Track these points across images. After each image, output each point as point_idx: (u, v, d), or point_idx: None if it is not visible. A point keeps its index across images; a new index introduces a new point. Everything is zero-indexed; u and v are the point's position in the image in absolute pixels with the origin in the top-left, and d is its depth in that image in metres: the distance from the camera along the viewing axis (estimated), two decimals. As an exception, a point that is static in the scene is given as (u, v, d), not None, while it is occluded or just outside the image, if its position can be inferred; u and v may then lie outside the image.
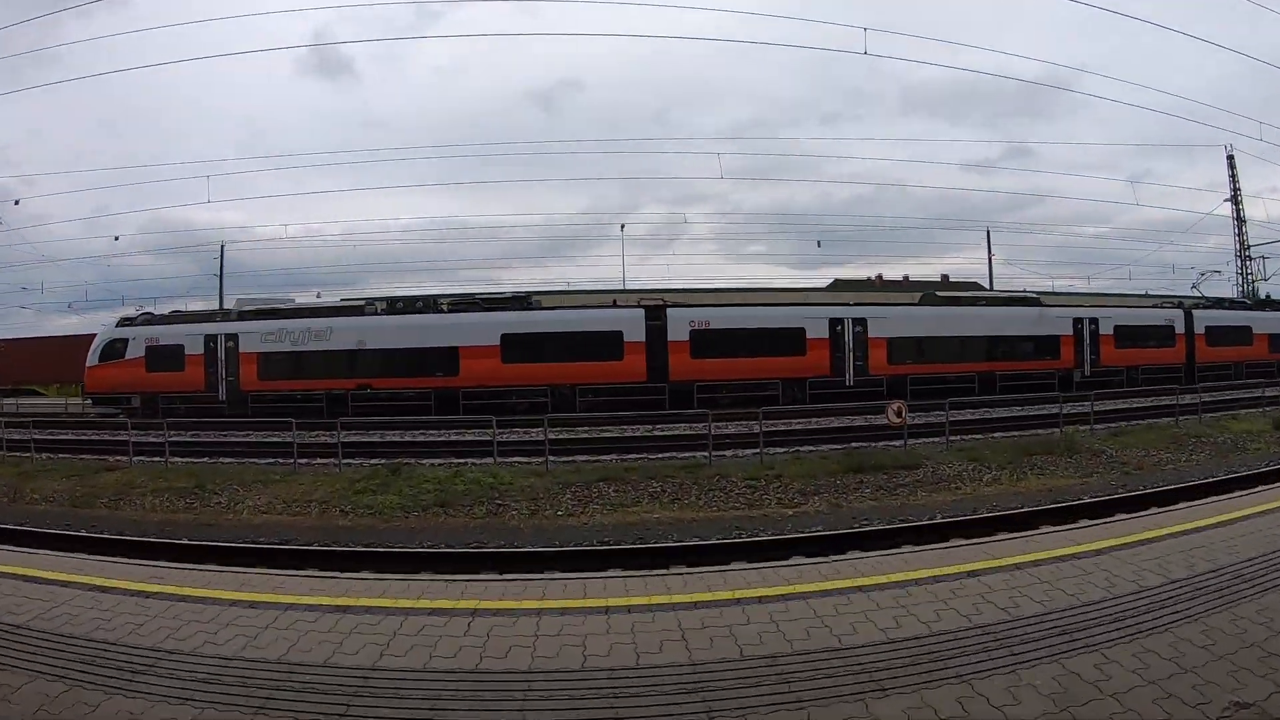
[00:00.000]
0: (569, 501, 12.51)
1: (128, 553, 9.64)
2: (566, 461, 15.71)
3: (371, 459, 17.17)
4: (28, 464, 18.80)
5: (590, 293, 45.47)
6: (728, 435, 17.19)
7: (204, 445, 20.94)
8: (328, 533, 11.11)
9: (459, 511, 12.20)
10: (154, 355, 30.94)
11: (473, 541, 10.36)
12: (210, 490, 14.28)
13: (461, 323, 29.03)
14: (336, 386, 28.83)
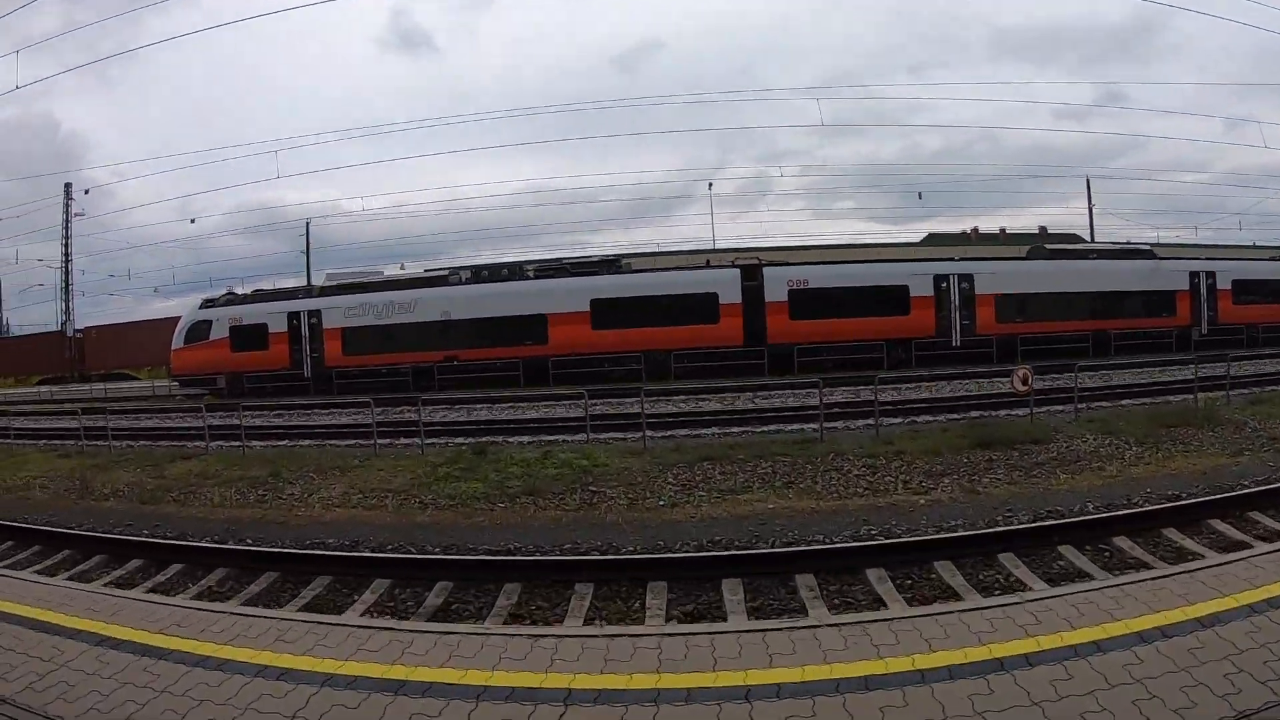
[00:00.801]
0: (671, 488, 11.64)
1: (187, 558, 9.44)
2: (665, 437, 15.22)
3: (456, 438, 16.87)
4: (104, 454, 18.94)
5: (681, 253, 45.69)
6: (834, 404, 16.64)
7: (282, 428, 20.97)
8: (404, 532, 10.32)
9: (549, 501, 11.38)
10: (238, 335, 32.37)
11: (565, 543, 9.33)
12: (284, 479, 14.03)
13: (549, 289, 29.30)
14: (422, 359, 29.56)
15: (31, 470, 17.86)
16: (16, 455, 20.61)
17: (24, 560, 10.38)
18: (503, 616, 7.03)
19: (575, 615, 6.91)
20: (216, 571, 8.99)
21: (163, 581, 8.93)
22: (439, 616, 7.13)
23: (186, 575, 9.07)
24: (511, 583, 7.70)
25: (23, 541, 11.11)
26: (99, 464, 17.64)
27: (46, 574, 9.58)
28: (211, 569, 9.07)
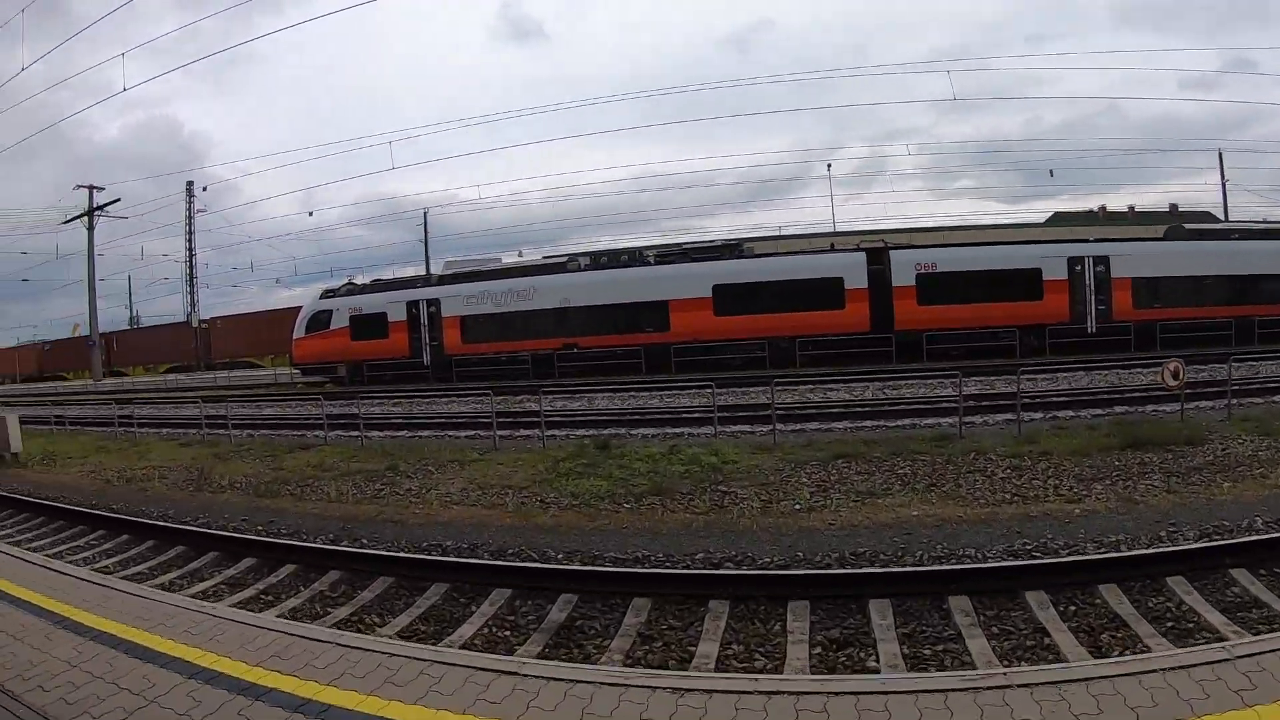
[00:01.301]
0: (806, 488, 11.02)
1: (300, 559, 9.26)
2: (795, 431, 14.92)
3: (577, 430, 16.84)
4: (225, 444, 19.39)
5: (802, 236, 46.48)
6: (968, 396, 15.99)
7: (401, 418, 21.23)
8: (524, 535, 9.87)
9: (677, 502, 10.84)
10: (358, 324, 34.17)
11: (697, 552, 8.65)
12: (402, 472, 14.05)
13: (670, 275, 29.54)
14: (542, 347, 30.40)
15: (154, 459, 18.45)
16: (140, 444, 21.45)
17: (137, 556, 10.48)
18: (631, 637, 6.51)
19: (710, 637, 6.35)
20: (330, 574, 8.75)
21: (274, 584, 8.76)
22: (561, 634, 6.71)
23: (299, 578, 8.86)
24: (641, 598, 7.17)
25: (138, 536, 11.26)
26: (219, 454, 18.11)
27: (159, 570, 9.69)
28: (325, 571, 8.84)
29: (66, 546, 11.26)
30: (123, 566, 10.00)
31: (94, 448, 21.71)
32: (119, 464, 18.41)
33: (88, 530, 12.04)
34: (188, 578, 9.32)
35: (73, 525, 12.42)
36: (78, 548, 11.19)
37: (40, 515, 13.35)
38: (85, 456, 20.18)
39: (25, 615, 6.07)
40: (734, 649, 6.17)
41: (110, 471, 17.43)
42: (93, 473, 17.69)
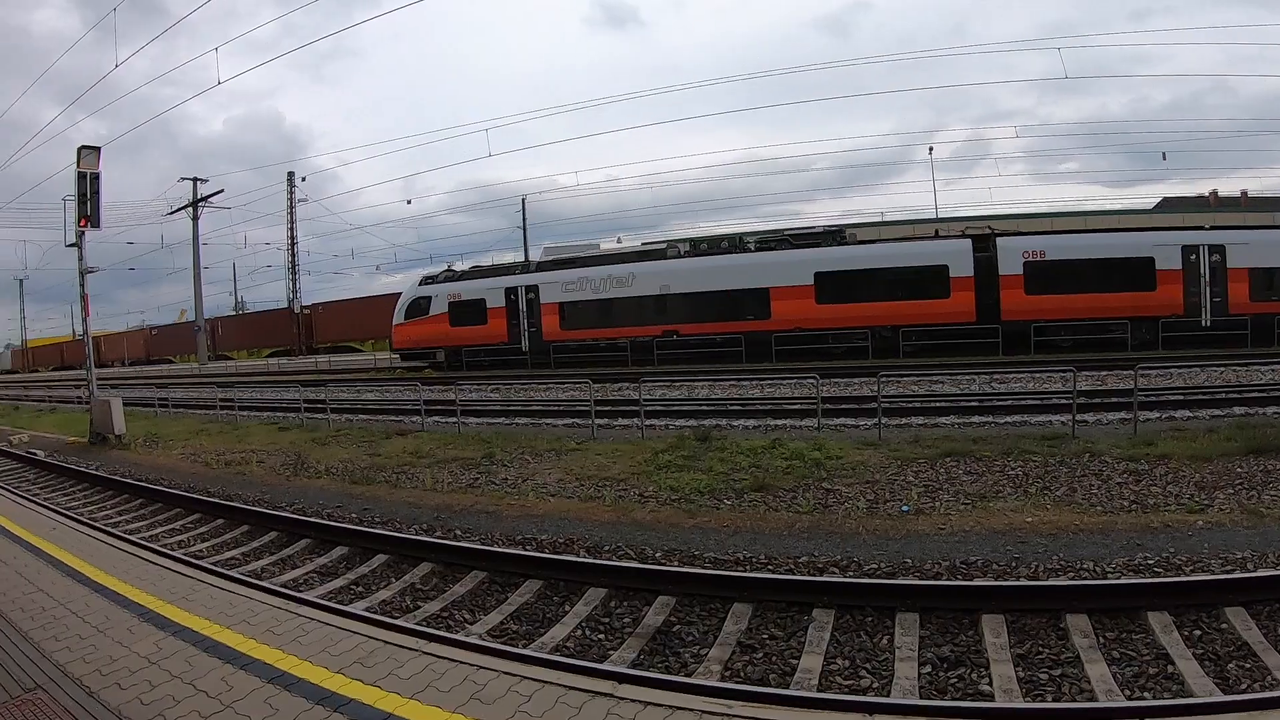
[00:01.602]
0: (914, 488, 10.51)
1: (392, 549, 9.16)
2: (900, 426, 14.52)
3: (676, 420, 16.66)
4: (323, 428, 19.66)
5: (905, 223, 46.01)
6: (1079, 391, 14.78)
7: (498, 404, 21.29)
8: (621, 530, 9.57)
9: (780, 500, 10.44)
10: (457, 310, 35.21)
11: (800, 555, 8.21)
12: (499, 461, 14.06)
13: (771, 261, 29.36)
14: (641, 334, 30.71)
15: (253, 443, 18.87)
16: (240, 428, 21.99)
17: (230, 541, 10.60)
18: (730, 646, 6.17)
19: (814, 649, 5.96)
20: (422, 566, 8.62)
21: (366, 574, 8.66)
22: (658, 640, 6.44)
23: (390, 569, 8.75)
24: (741, 604, 6.82)
25: (232, 521, 11.42)
26: (317, 438, 18.37)
27: (252, 556, 9.74)
28: (417, 563, 8.72)
29: (163, 529, 11.50)
30: (216, 551, 10.12)
31: (195, 430, 22.41)
32: (218, 447, 18.91)
33: (184, 513, 12.28)
34: (280, 564, 9.34)
35: (170, 508, 12.69)
36: (174, 530, 11.42)
37: (139, 497, 13.72)
38: (186, 439, 20.82)
39: (112, 607, 6.05)
40: (838, 663, 5.83)
41: (209, 454, 17.87)
42: (192, 455, 18.19)
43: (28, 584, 6.80)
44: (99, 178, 21.69)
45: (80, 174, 21.30)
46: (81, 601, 6.20)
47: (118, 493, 14.38)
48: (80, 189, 21.38)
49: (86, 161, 21.45)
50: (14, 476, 17.20)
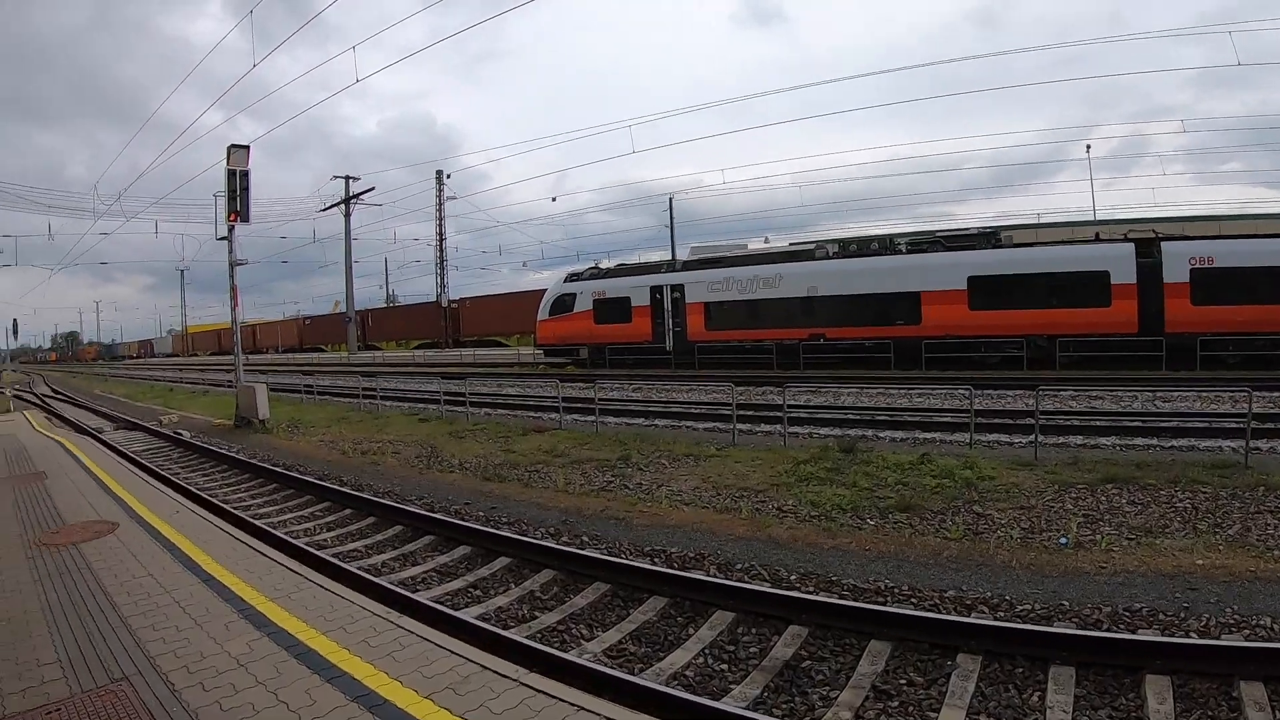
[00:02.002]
0: (1072, 517, 9.46)
1: (515, 553, 8.92)
2: (1057, 445, 13.53)
3: (821, 428, 16.12)
4: (461, 421, 19.80)
5: (1062, 225, 43.39)
6: (1241, 415, 13.48)
7: (638, 404, 21.01)
8: (756, 548, 9.00)
9: (927, 523, 9.63)
10: (601, 307, 35.73)
11: (947, 588, 7.49)
12: (635, 464, 13.77)
13: (922, 264, 28.54)
14: (787, 336, 30.18)
15: (391, 433, 19.16)
16: (381, 417, 22.44)
17: (355, 532, 10.67)
18: (863, 690, 5.60)
19: (955, 702, 5.34)
20: (544, 573, 8.35)
21: (486, 577, 8.45)
22: (785, 675, 5.95)
23: (512, 574, 8.49)
24: (880, 641, 6.24)
25: (360, 511, 11.52)
26: (454, 431, 18.49)
27: (374, 550, 9.72)
28: (539, 569, 8.45)
29: (292, 515, 11.74)
30: (339, 541, 10.16)
31: (337, 418, 23.07)
32: (357, 435, 19.33)
33: (314, 500, 12.52)
34: (400, 560, 9.26)
35: (301, 494, 12.99)
36: (301, 517, 11.61)
37: (273, 482, 14.11)
38: (327, 426, 21.44)
39: (215, 599, 5.97)
40: (981, 721, 5.19)
41: (347, 443, 18.26)
42: (331, 443, 18.64)
43: (140, 567, 6.82)
44: (248, 175, 22.83)
45: (230, 171, 22.44)
46: (186, 591, 6.14)
47: (253, 476, 14.83)
48: (230, 185, 22.54)
49: (236, 159, 22.59)
50: (159, 455, 18.06)
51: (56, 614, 5.83)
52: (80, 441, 17.63)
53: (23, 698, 4.48)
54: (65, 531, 8.42)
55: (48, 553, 7.50)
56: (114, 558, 7.19)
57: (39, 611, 5.94)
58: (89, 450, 15.65)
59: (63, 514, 9.28)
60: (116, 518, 8.95)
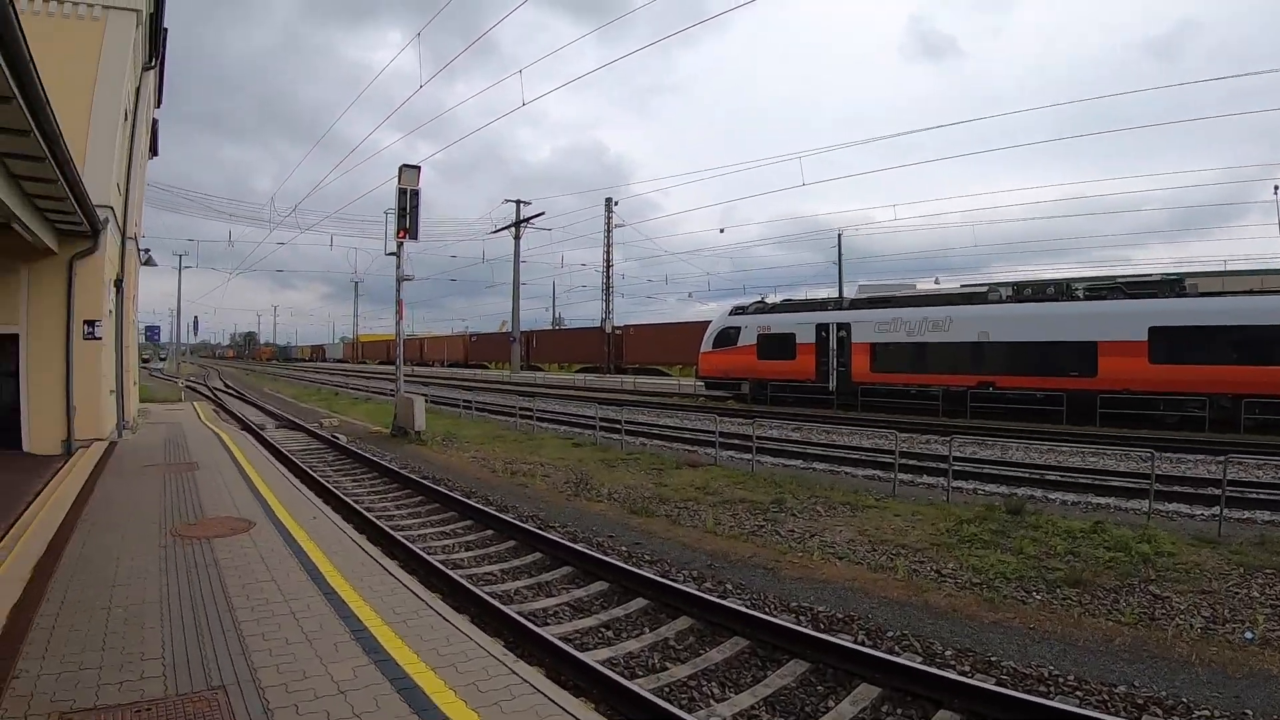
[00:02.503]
0: (1259, 608, 8.27)
1: (651, 596, 8.46)
2: (1243, 520, 12.25)
3: (986, 484, 15.34)
4: (614, 449, 19.60)
5: (1250, 273, 39.68)
6: None
7: (796, 444, 20.32)
8: (910, 614, 8.24)
9: (1098, 601, 8.58)
10: (765, 343, 35.28)
11: (1117, 682, 6.55)
12: (788, 508, 13.15)
13: (1099, 312, 26.76)
14: (955, 382, 29.30)
15: (543, 455, 19.13)
16: (535, 438, 22.51)
17: (494, 555, 10.51)
18: None
19: None
20: (681, 620, 7.86)
21: (620, 618, 8.04)
22: None
23: (647, 617, 8.07)
24: None
25: (501, 534, 11.39)
26: (606, 459, 18.28)
27: (510, 576, 9.50)
28: (677, 614, 7.98)
29: (433, 530, 11.75)
30: (476, 563, 10.02)
31: (491, 435, 23.30)
32: (509, 454, 19.38)
33: (457, 517, 12.52)
34: (534, 589, 8.98)
35: (445, 510, 13.02)
36: (443, 533, 11.60)
37: (419, 494, 14.24)
38: (480, 443, 21.63)
39: (330, 615, 5.87)
40: None
41: (498, 461, 18.30)
42: (482, 460, 18.72)
43: (265, 571, 6.76)
44: (418, 194, 23.88)
45: (400, 190, 23.48)
46: (305, 602, 6.01)
47: (401, 486, 15.01)
48: (400, 204, 23.61)
49: (406, 179, 23.61)
50: (313, 457, 18.61)
51: (173, 608, 5.81)
52: (238, 436, 18.38)
53: (119, 690, 4.44)
54: (202, 525, 8.54)
55: (180, 544, 7.58)
56: (242, 557, 7.17)
57: (156, 603, 5.93)
58: (244, 446, 16.25)
59: (204, 507, 9.46)
60: (254, 516, 9.04)
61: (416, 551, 9.66)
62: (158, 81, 25.02)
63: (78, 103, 15.72)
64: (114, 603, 6.17)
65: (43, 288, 15.47)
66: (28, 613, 5.99)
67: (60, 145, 9.42)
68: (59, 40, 15.99)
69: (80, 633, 5.55)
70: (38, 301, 15.46)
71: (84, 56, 16.23)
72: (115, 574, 6.93)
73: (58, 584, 6.72)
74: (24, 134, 8.49)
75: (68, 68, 15.71)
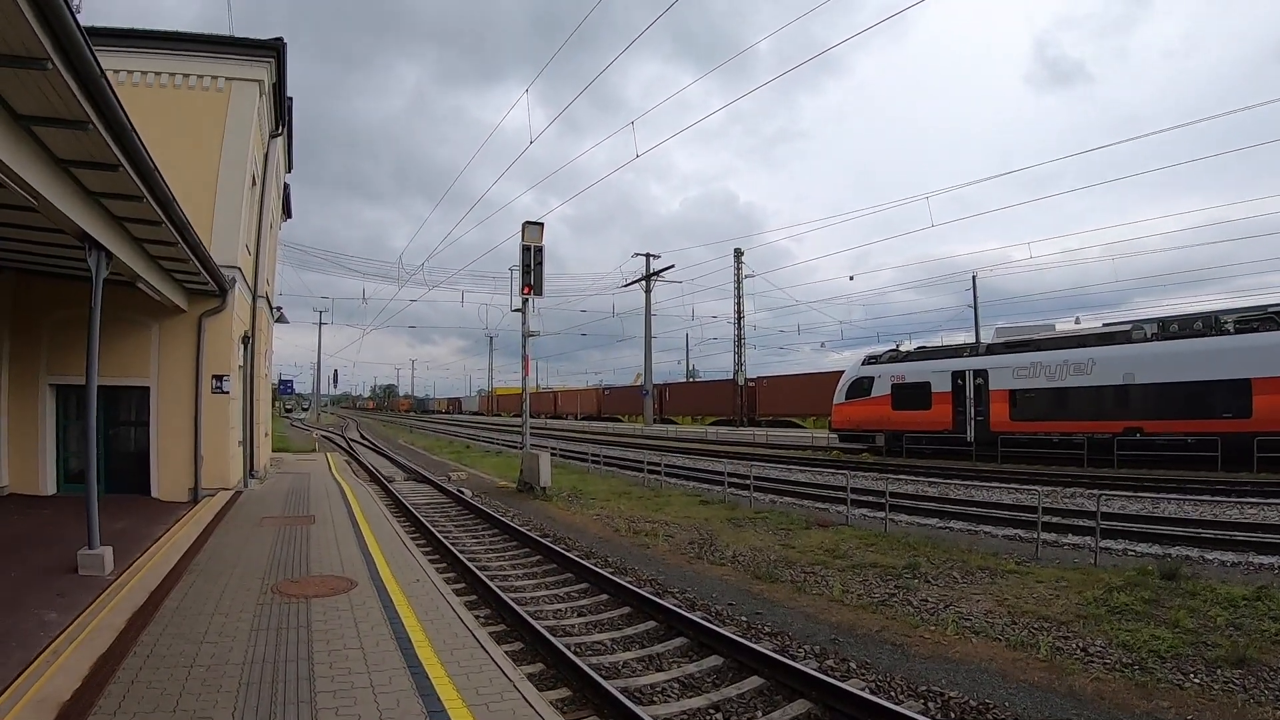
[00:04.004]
0: None
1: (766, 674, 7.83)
2: None
3: (1138, 544, 14.30)
4: (743, 507, 19.13)
5: None
6: None
7: (933, 501, 19.49)
8: (1053, 702, 7.32)
9: (1265, 684, 7.46)
10: (899, 392, 34.64)
11: None
12: (922, 574, 12.37)
13: (1251, 345, 24.89)
14: (1099, 429, 28.04)
15: (669, 513, 18.78)
16: (662, 495, 22.17)
17: (605, 622, 10.08)
18: None
19: None
20: (797, 704, 7.21)
21: (730, 698, 7.42)
22: None
23: (761, 699, 7.46)
24: None
25: (617, 599, 11.00)
26: (734, 518, 17.82)
27: (620, 646, 9.08)
28: (793, 698, 7.34)
29: (546, 593, 11.44)
30: (586, 630, 9.66)
31: (618, 492, 23.07)
32: (634, 512, 19.05)
33: (574, 580, 12.23)
34: (643, 663, 8.49)
35: (563, 571, 12.77)
36: (557, 596, 11.31)
37: (538, 554, 14.08)
38: (606, 500, 21.40)
39: (410, 695, 5.62)
40: None
41: (622, 520, 17.99)
42: (606, 518, 18.44)
43: (355, 637, 6.59)
44: (542, 250, 24.22)
45: (524, 246, 23.93)
46: (387, 675, 5.77)
47: (520, 545, 14.87)
48: (524, 260, 24.02)
49: (530, 235, 24.03)
50: (436, 511, 18.72)
51: (253, 671, 5.69)
52: (362, 489, 18.63)
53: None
54: (304, 583, 8.47)
55: (278, 602, 7.50)
56: (336, 621, 7.01)
57: (239, 665, 5.83)
58: (365, 500, 16.43)
59: (310, 563, 9.44)
60: (358, 576, 8.94)
61: (524, 617, 9.35)
62: (287, 147, 26.28)
63: (205, 170, 16.70)
64: (198, 661, 6.11)
65: (173, 343, 16.40)
66: (112, 664, 5.97)
67: (174, 209, 9.75)
68: (187, 111, 16.96)
69: (156, 690, 5.49)
70: (168, 356, 16.36)
71: (211, 126, 17.22)
72: (206, 630, 6.90)
73: (149, 635, 6.74)
74: (136, 199, 8.79)
75: (195, 136, 16.59)
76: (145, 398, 16.11)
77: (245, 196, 17.87)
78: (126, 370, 15.82)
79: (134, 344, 15.87)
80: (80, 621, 6.86)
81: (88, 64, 5.83)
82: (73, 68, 5.77)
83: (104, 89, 6.27)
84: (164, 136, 14.04)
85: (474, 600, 10.51)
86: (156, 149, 8.27)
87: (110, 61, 14.04)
